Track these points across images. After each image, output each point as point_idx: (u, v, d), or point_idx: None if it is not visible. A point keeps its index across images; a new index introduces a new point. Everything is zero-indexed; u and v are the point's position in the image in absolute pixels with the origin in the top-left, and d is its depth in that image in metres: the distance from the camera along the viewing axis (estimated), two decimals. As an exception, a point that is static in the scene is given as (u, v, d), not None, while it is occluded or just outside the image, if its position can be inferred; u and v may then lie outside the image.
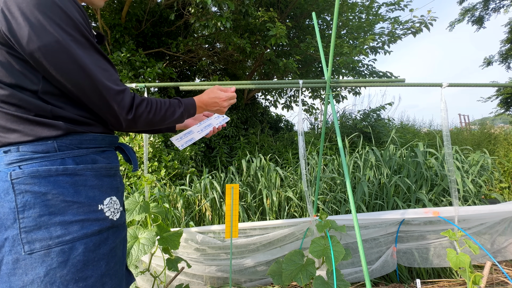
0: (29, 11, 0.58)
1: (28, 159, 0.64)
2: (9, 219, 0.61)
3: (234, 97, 1.04)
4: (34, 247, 0.61)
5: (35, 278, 0.61)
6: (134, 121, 0.72)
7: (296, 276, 1.41)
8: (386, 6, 4.99)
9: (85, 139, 0.71)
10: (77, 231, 0.65)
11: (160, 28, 4.66)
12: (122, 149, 0.84)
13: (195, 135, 1.16)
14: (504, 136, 4.86)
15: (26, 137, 0.64)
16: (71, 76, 0.63)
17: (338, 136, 1.39)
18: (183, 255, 1.75)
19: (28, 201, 0.62)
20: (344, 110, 5.81)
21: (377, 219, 1.75)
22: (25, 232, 0.61)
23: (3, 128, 0.64)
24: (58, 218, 0.63)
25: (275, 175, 2.65)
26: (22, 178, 0.62)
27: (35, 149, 0.65)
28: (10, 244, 0.61)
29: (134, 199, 1.37)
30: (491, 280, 1.84)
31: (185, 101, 0.88)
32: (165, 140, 3.67)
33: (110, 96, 0.67)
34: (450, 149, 1.56)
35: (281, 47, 5.31)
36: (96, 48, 0.67)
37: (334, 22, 1.31)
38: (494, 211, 1.73)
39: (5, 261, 0.61)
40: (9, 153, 0.64)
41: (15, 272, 0.60)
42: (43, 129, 0.65)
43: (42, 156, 0.65)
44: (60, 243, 0.62)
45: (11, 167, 0.63)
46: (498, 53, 13.49)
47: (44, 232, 0.62)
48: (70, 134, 0.68)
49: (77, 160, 0.69)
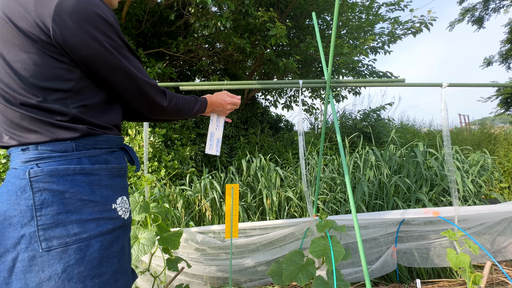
0: (79, 22, 0.64)
1: (46, 157, 0.65)
2: (26, 217, 0.62)
3: (237, 104, 1.19)
4: (51, 244, 0.62)
5: (53, 275, 0.61)
6: (167, 108, 0.85)
7: (296, 276, 1.41)
8: (386, 6, 4.99)
9: (100, 140, 0.73)
10: (93, 229, 0.67)
11: (160, 28, 4.66)
12: (126, 149, 0.85)
13: (217, 133, 1.25)
14: (504, 136, 4.86)
15: (45, 137, 0.66)
16: (115, 76, 0.72)
17: (338, 136, 1.39)
18: (183, 255, 1.75)
19: (46, 199, 0.63)
20: (344, 110, 5.82)
21: (377, 219, 1.75)
22: (42, 229, 0.62)
23: (24, 129, 0.65)
24: (75, 216, 0.65)
25: (275, 175, 2.65)
26: (41, 177, 0.63)
27: (53, 148, 0.66)
28: (26, 241, 0.61)
29: (134, 199, 1.37)
30: (491, 280, 1.84)
31: (200, 99, 1.03)
32: (165, 140, 3.67)
33: (149, 90, 0.78)
34: (450, 149, 1.56)
35: (281, 47, 5.30)
36: (131, 50, 0.76)
37: (334, 22, 1.31)
38: (494, 211, 1.73)
39: (20, 258, 0.61)
40: (27, 151, 0.65)
41: (31, 269, 0.61)
42: (64, 131, 0.67)
43: (60, 155, 0.66)
44: (77, 241, 0.64)
45: (29, 165, 0.64)
46: (498, 53, 13.49)
47: (61, 229, 0.63)
48: (87, 136, 0.71)
49: (92, 160, 0.71)
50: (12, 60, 0.64)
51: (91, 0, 0.65)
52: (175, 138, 3.80)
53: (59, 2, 0.61)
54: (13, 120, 0.66)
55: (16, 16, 0.62)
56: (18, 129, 0.66)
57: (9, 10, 0.63)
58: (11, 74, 0.64)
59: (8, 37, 0.63)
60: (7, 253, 0.62)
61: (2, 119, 0.67)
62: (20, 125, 0.65)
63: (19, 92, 0.64)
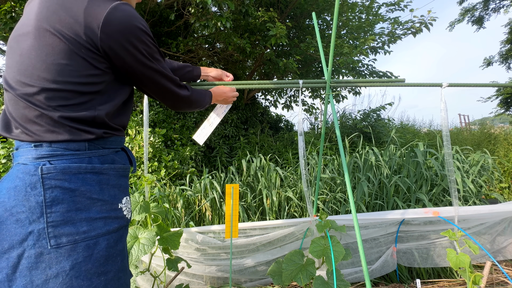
0: (123, 33, 0.71)
1: (59, 155, 0.66)
2: (36, 213, 0.62)
3: (235, 90, 1.33)
4: (61, 241, 0.63)
5: (60, 272, 0.62)
6: (190, 98, 0.94)
7: (296, 276, 1.41)
8: (386, 6, 4.99)
9: (109, 140, 0.76)
10: (101, 227, 0.68)
11: (160, 28, 4.65)
12: (125, 150, 0.86)
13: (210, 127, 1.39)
14: (504, 136, 4.86)
15: (62, 137, 0.67)
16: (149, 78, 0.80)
17: (338, 136, 1.39)
18: (183, 255, 1.75)
19: (57, 196, 0.64)
20: (344, 110, 5.81)
21: (377, 219, 1.75)
22: (52, 226, 0.62)
23: (44, 128, 0.67)
24: (84, 215, 0.66)
25: (275, 175, 2.65)
26: (54, 174, 0.64)
27: (67, 146, 0.68)
28: (34, 238, 0.62)
29: (134, 199, 1.37)
30: (491, 280, 1.84)
31: (207, 91, 1.15)
32: (165, 140, 3.67)
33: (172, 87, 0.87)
34: (450, 149, 1.56)
35: (281, 47, 5.30)
36: (159, 51, 0.83)
37: (334, 22, 1.31)
38: (494, 211, 1.73)
39: (27, 255, 0.61)
40: (39, 148, 0.66)
41: (38, 266, 0.61)
42: (82, 133, 0.69)
43: (72, 154, 0.68)
44: (86, 238, 0.65)
45: (41, 161, 0.65)
46: (498, 53, 13.48)
47: (71, 227, 0.64)
48: (101, 138, 0.73)
49: (101, 159, 0.73)
50: (51, 63, 0.66)
51: (132, 14, 0.72)
52: (175, 138, 3.80)
53: (107, 16, 0.67)
54: (30, 118, 0.67)
55: (65, 25, 0.66)
56: (35, 126, 0.67)
57: (57, 19, 0.66)
58: (46, 76, 0.66)
59: (49, 42, 0.66)
60: (12, 249, 0.61)
61: (17, 114, 0.68)
62: (38, 123, 0.67)
63: (47, 94, 0.66)
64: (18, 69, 0.68)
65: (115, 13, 0.68)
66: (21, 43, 0.69)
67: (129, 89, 0.82)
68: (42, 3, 0.69)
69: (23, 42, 0.68)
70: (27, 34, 0.68)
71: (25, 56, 0.67)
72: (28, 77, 0.66)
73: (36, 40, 0.67)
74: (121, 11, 0.69)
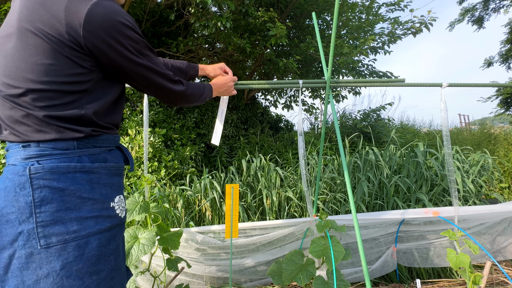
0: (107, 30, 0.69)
1: (47, 154, 0.66)
2: (25, 213, 0.62)
3: (235, 77, 1.33)
4: (50, 241, 0.62)
5: (51, 272, 0.61)
6: (186, 93, 0.91)
7: (296, 276, 1.41)
8: (386, 6, 4.99)
9: (100, 139, 0.75)
10: (92, 226, 0.67)
11: (160, 28, 4.65)
12: (121, 149, 0.86)
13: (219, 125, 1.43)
14: (504, 136, 4.86)
15: (50, 137, 0.67)
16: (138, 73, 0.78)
17: (338, 136, 1.39)
18: (183, 255, 1.75)
19: (45, 196, 0.63)
20: (344, 110, 5.81)
21: (377, 219, 1.75)
22: (41, 226, 0.62)
23: (32, 128, 0.66)
24: (74, 214, 0.66)
25: (275, 175, 2.65)
26: (42, 173, 0.64)
27: (55, 146, 0.67)
28: (24, 238, 0.61)
29: (134, 199, 1.37)
30: (491, 280, 1.83)
31: (206, 84, 1.12)
32: (165, 140, 3.67)
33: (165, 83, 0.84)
34: (450, 149, 1.56)
35: (281, 47, 5.30)
36: (148, 46, 0.80)
37: (334, 22, 1.31)
38: (494, 211, 1.73)
39: (17, 255, 0.61)
40: (28, 148, 0.66)
41: (28, 266, 0.61)
42: (70, 132, 0.68)
43: (61, 153, 0.67)
44: (76, 238, 0.65)
45: (29, 161, 0.65)
46: (498, 53, 13.48)
47: (61, 226, 0.64)
48: (90, 136, 0.72)
49: (92, 158, 0.72)
50: (35, 63, 0.65)
51: (115, 10, 0.70)
52: (175, 138, 3.80)
53: (88, 13, 0.65)
54: (17, 118, 0.66)
55: (46, 24, 0.64)
56: (23, 126, 0.66)
57: (38, 18, 0.65)
58: (31, 77, 0.65)
59: (31, 43, 0.65)
60: (3, 250, 0.61)
61: (4, 115, 0.67)
62: (25, 123, 0.66)
63: (33, 95, 0.65)
64: (2, 71, 0.67)
65: (97, 10, 0.66)
66: (5, 45, 0.68)
67: (119, 87, 0.80)
68: (23, 2, 0.67)
69: (7, 43, 0.67)
70: (10, 35, 0.67)
71: (9, 58, 0.66)
72: (13, 79, 0.65)
73: (19, 41, 0.65)
74: (103, 7, 0.67)
